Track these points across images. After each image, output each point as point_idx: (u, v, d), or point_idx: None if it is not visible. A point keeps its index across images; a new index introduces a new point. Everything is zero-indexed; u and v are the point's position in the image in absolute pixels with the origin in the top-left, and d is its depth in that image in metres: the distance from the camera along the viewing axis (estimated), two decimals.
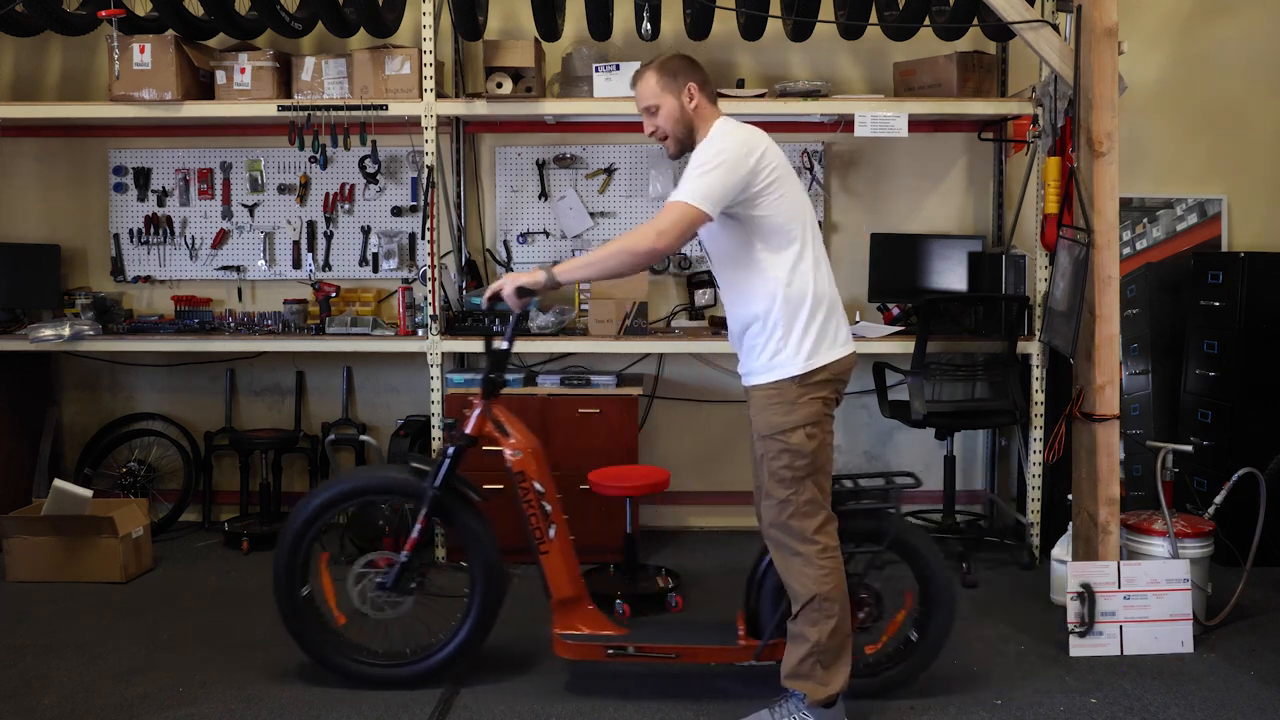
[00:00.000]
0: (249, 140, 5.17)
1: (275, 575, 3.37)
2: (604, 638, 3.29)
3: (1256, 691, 3.38)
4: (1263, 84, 5.09)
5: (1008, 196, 5.10)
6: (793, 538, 2.97)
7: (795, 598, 3.00)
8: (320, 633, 3.40)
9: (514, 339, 3.26)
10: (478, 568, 3.34)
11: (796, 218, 2.97)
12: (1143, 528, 3.95)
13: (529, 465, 3.27)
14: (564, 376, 4.75)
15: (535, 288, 3.01)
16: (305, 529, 3.37)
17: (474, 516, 3.34)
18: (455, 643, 3.37)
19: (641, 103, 3.05)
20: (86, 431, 5.28)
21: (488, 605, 3.35)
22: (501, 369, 3.29)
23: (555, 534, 3.27)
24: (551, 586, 3.29)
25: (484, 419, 3.30)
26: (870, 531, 3.21)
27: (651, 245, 2.86)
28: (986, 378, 4.50)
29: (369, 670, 3.40)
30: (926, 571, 3.26)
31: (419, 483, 3.30)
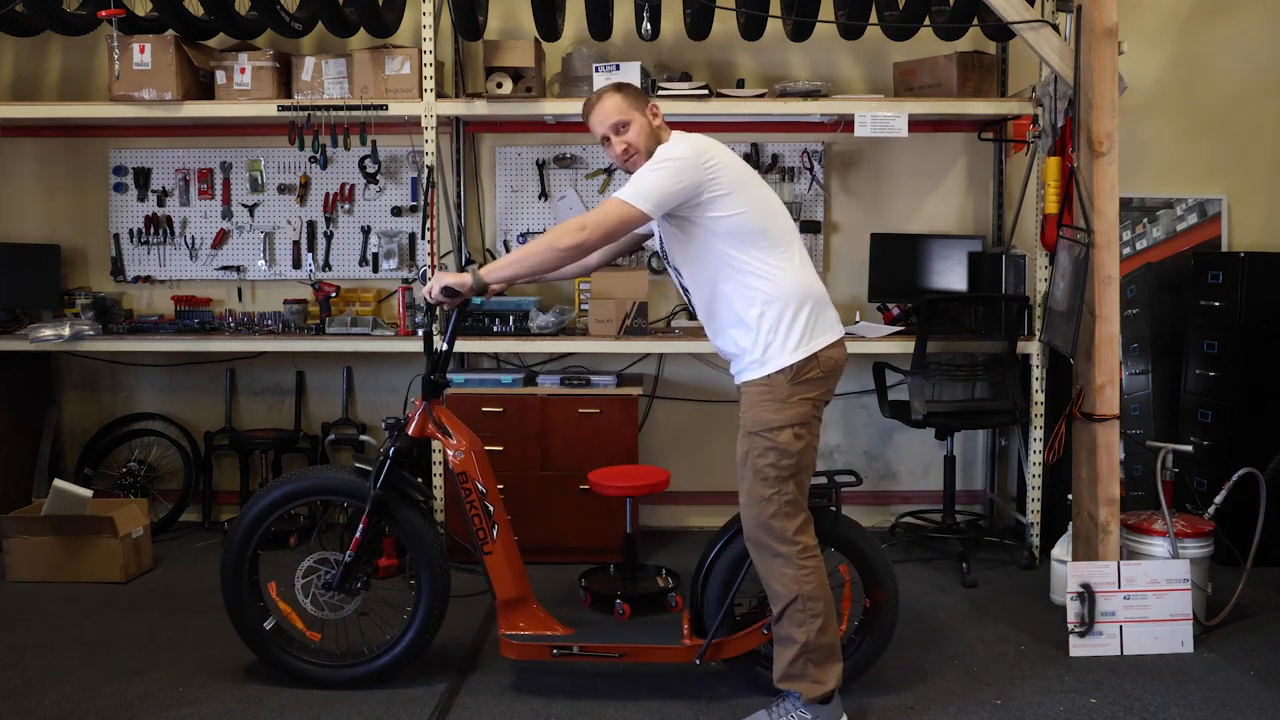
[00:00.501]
0: (249, 140, 5.18)
1: (223, 578, 3.40)
2: (548, 638, 3.30)
3: (1256, 691, 3.38)
4: (1263, 84, 5.09)
5: (1008, 196, 5.10)
6: (774, 538, 2.98)
7: (776, 599, 3.00)
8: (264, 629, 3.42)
9: (454, 340, 3.27)
10: (423, 567, 3.35)
11: (768, 217, 2.99)
12: (1143, 528, 3.95)
13: (470, 466, 3.28)
14: (564, 376, 4.75)
15: (461, 289, 3.03)
16: (252, 531, 3.39)
17: (418, 516, 3.35)
18: (402, 645, 3.38)
19: (609, 120, 3.06)
20: (86, 431, 5.29)
21: (434, 604, 3.35)
22: (442, 370, 3.31)
23: (498, 534, 3.28)
24: (495, 587, 3.30)
25: (425, 420, 3.32)
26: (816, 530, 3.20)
27: (576, 239, 2.89)
28: (986, 378, 4.50)
29: (313, 670, 3.40)
30: (869, 568, 3.27)
31: (361, 483, 3.32)
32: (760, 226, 2.96)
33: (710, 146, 2.98)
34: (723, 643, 3.24)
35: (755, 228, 2.96)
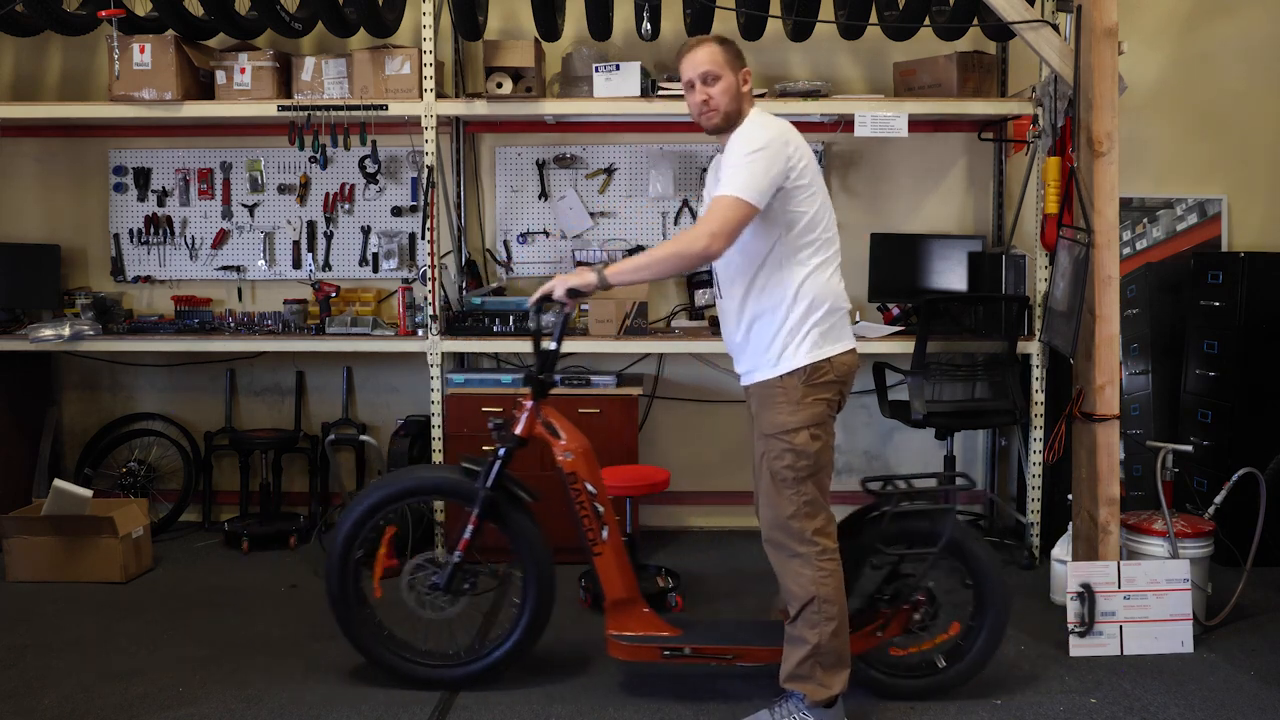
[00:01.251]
0: (249, 140, 5.17)
1: (328, 577, 3.35)
2: (659, 639, 3.26)
3: (1256, 691, 3.38)
4: (1263, 84, 5.09)
5: (1008, 196, 5.10)
6: (792, 539, 2.97)
7: (793, 599, 2.99)
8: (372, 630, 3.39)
9: (563, 339, 3.23)
10: (530, 568, 3.32)
11: (822, 218, 2.98)
12: (1143, 528, 3.94)
13: (580, 466, 3.24)
14: (564, 376, 4.75)
15: (586, 289, 2.98)
16: (357, 530, 3.35)
17: (525, 517, 3.33)
18: (509, 643, 3.36)
19: (698, 69, 2.97)
20: (86, 431, 5.28)
21: (541, 605, 3.34)
22: (551, 369, 3.26)
23: (608, 535, 3.24)
24: (605, 588, 3.26)
25: (534, 420, 3.27)
26: (924, 533, 3.21)
27: (706, 247, 2.82)
28: (986, 378, 4.50)
29: (418, 670, 3.38)
30: (980, 574, 3.26)
31: (470, 483, 3.28)
32: (817, 225, 2.96)
33: (794, 135, 2.95)
34: None
35: (812, 225, 2.94)
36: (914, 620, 3.25)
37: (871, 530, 3.19)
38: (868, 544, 3.19)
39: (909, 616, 3.24)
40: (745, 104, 3.02)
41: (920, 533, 3.20)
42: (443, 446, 4.63)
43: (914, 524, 3.20)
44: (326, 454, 5.17)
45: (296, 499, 5.23)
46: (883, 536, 3.18)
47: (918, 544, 3.20)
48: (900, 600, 3.22)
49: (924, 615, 3.25)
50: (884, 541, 3.19)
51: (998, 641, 3.30)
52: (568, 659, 3.56)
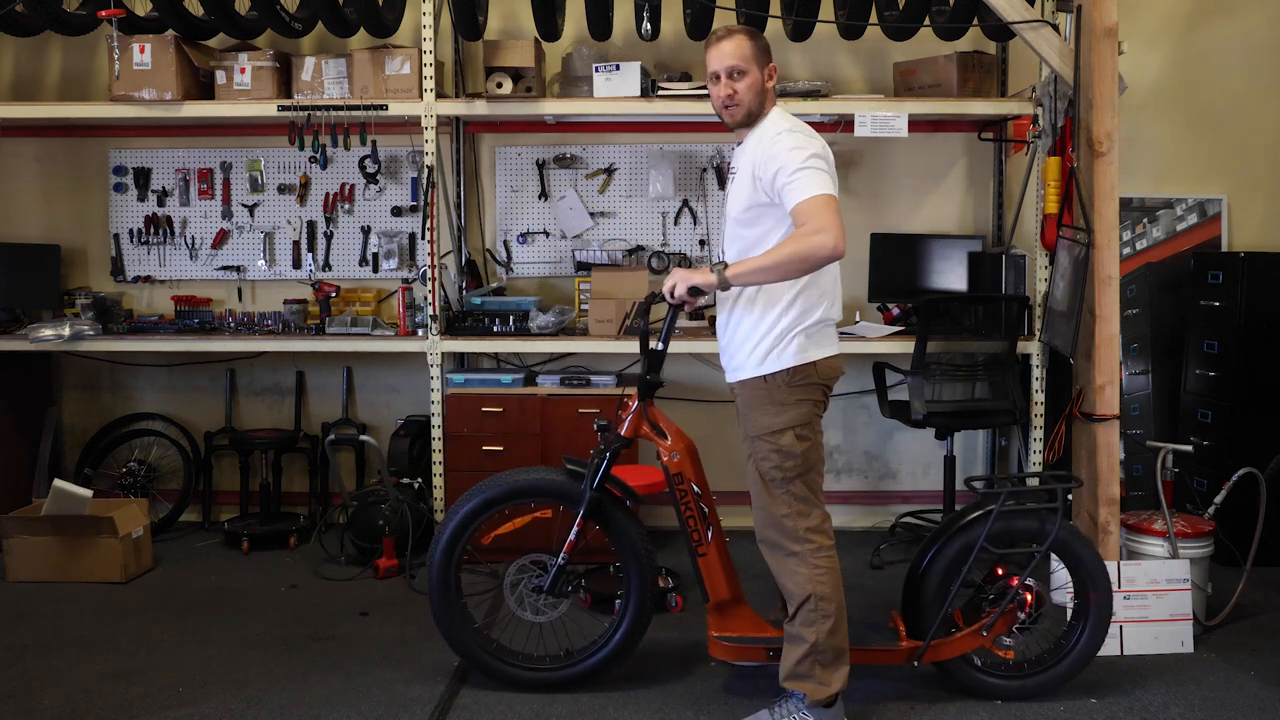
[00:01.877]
0: (249, 140, 5.17)
1: (430, 580, 3.32)
2: (763, 640, 3.23)
3: (1256, 691, 3.38)
4: (1263, 84, 5.09)
5: (1008, 196, 5.10)
6: (786, 537, 2.97)
7: (790, 598, 3.00)
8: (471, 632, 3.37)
9: (669, 338, 3.18)
10: (632, 570, 3.31)
11: None
12: (1143, 528, 3.94)
13: (686, 467, 3.22)
14: (564, 376, 4.75)
15: (708, 289, 2.91)
16: (461, 530, 3.32)
17: (627, 518, 3.31)
18: (611, 645, 3.35)
19: (724, 62, 2.94)
20: (86, 431, 5.28)
21: (643, 607, 3.32)
22: (658, 370, 3.22)
23: (713, 536, 3.22)
24: (709, 589, 3.23)
25: (640, 420, 3.25)
26: (1030, 532, 3.21)
27: (834, 247, 2.73)
28: (986, 378, 4.50)
29: (520, 673, 3.37)
30: (1085, 577, 3.27)
31: (575, 485, 3.27)
32: None
33: (820, 140, 2.96)
34: (942, 644, 3.22)
35: None
36: (1019, 619, 3.24)
37: (977, 528, 3.20)
38: (973, 542, 3.20)
39: (1014, 615, 3.24)
40: (769, 100, 3.02)
41: (1027, 532, 3.21)
42: (443, 447, 4.63)
43: (1020, 522, 3.20)
44: (326, 454, 5.16)
45: (296, 499, 5.23)
46: (989, 535, 3.18)
47: (1023, 543, 3.21)
48: (1005, 599, 3.22)
49: (1030, 614, 3.25)
50: (990, 540, 3.19)
51: (1100, 640, 3.31)
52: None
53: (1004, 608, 3.21)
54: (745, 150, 3.01)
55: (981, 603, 3.26)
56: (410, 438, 4.79)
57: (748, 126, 3.00)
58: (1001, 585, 3.25)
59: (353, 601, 4.14)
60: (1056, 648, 3.34)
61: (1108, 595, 3.29)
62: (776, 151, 2.87)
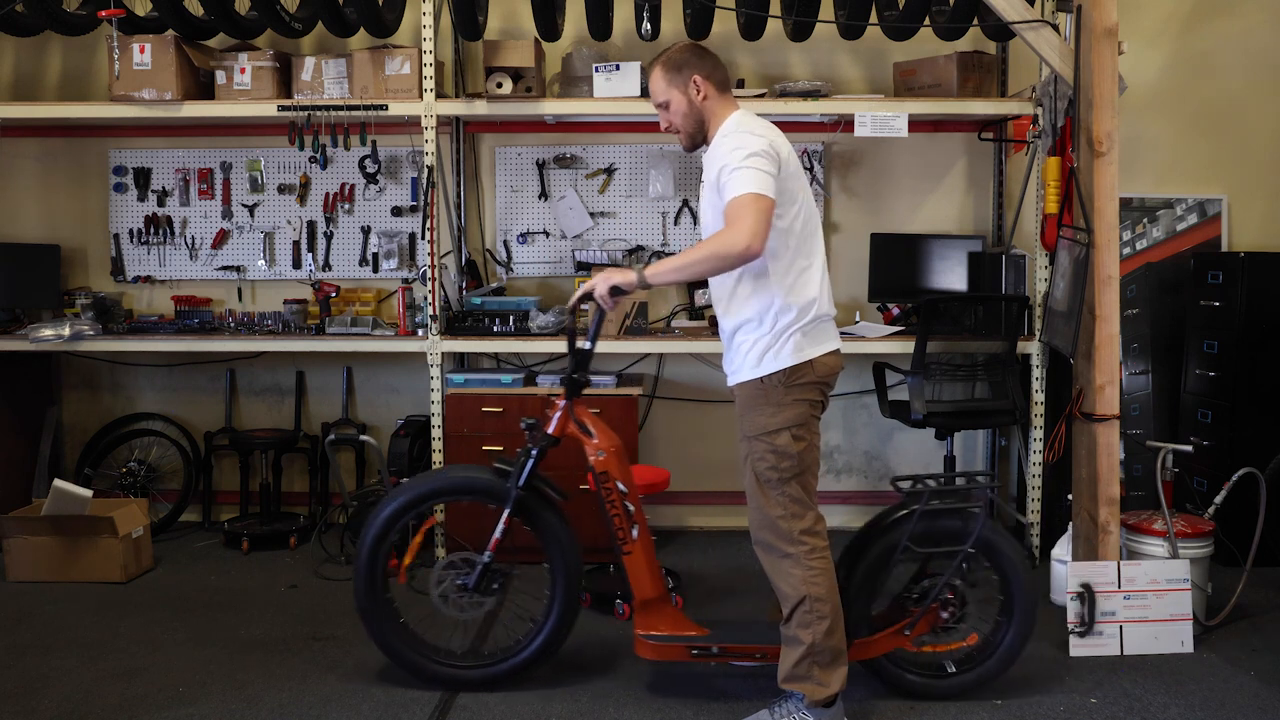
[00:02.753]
0: (249, 140, 5.17)
1: (356, 581, 3.34)
2: (687, 638, 3.25)
3: (1256, 691, 3.38)
4: (1263, 84, 5.09)
5: (1008, 196, 5.10)
6: (780, 539, 2.97)
7: (785, 600, 3.00)
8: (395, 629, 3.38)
9: (597, 338, 3.22)
10: (559, 568, 3.32)
11: (807, 221, 2.97)
12: (1143, 528, 3.95)
13: (612, 465, 3.24)
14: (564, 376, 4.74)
15: (628, 288, 2.96)
16: (386, 530, 3.33)
17: (555, 516, 3.33)
18: (536, 643, 3.36)
19: (653, 100, 3.05)
20: (86, 431, 5.28)
21: (568, 606, 3.34)
22: (585, 369, 3.26)
23: (638, 534, 3.24)
24: (634, 587, 3.25)
25: (567, 419, 3.28)
26: (955, 532, 3.21)
27: (747, 246, 2.76)
28: (986, 378, 4.50)
29: (442, 670, 3.37)
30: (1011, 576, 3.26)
31: (501, 483, 3.29)
32: (799, 230, 2.94)
33: (780, 139, 2.94)
34: (866, 642, 3.22)
35: (793, 228, 2.93)
36: (942, 619, 3.25)
37: (900, 528, 3.20)
38: (896, 542, 3.20)
39: (937, 615, 3.25)
40: (711, 111, 3.01)
41: (950, 531, 3.21)
42: (443, 446, 4.63)
43: (944, 523, 3.20)
44: (326, 454, 5.16)
45: (296, 499, 5.23)
46: (912, 535, 3.19)
47: (947, 542, 3.21)
48: (928, 599, 3.23)
49: (952, 614, 3.25)
50: (913, 540, 3.19)
51: (1025, 639, 3.30)
52: (566, 659, 3.55)
53: (926, 608, 3.22)
54: (706, 160, 3.04)
55: (905, 602, 3.26)
56: (410, 438, 4.78)
57: (706, 144, 3.03)
58: (924, 585, 3.25)
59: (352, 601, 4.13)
60: (984, 646, 3.33)
61: (1033, 594, 3.28)
62: (719, 154, 2.92)
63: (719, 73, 3.02)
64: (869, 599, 3.22)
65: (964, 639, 3.30)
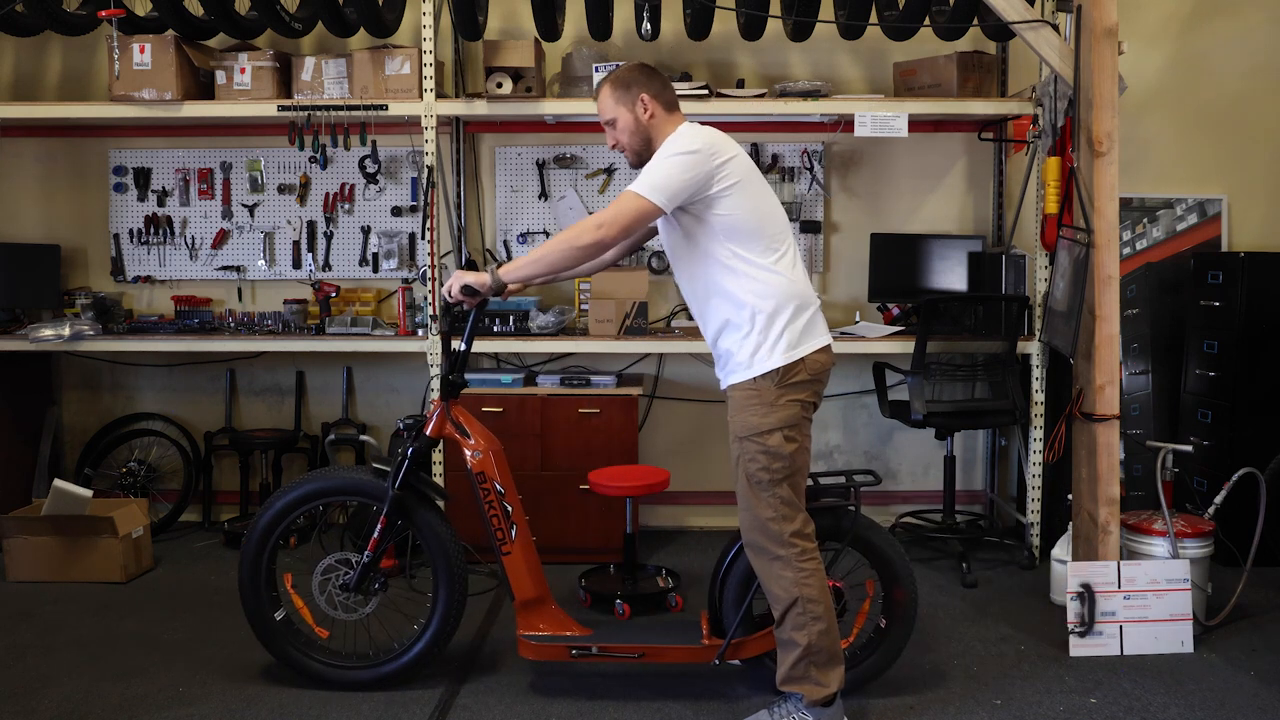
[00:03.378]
0: (249, 140, 5.18)
1: (240, 579, 3.37)
2: (567, 638, 3.29)
3: (1256, 691, 3.38)
4: (1263, 84, 5.09)
5: (1008, 196, 5.10)
6: (771, 541, 2.96)
7: (777, 602, 2.99)
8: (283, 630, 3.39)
9: (472, 340, 3.29)
10: (440, 567, 3.34)
11: (769, 219, 2.97)
12: (1143, 528, 3.95)
13: (489, 466, 3.27)
14: (564, 376, 4.75)
15: (480, 288, 3.02)
16: (269, 531, 3.36)
17: (435, 516, 3.35)
18: (420, 645, 3.37)
19: (601, 117, 3.08)
20: (86, 431, 5.29)
21: (451, 605, 3.35)
22: (460, 370, 3.31)
23: (517, 534, 3.27)
24: (514, 588, 3.29)
25: (444, 420, 3.32)
26: (831, 529, 3.21)
27: (595, 237, 2.86)
28: (986, 378, 4.50)
29: (328, 671, 3.39)
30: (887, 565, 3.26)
31: (379, 483, 3.31)
32: (757, 227, 2.94)
33: (719, 140, 2.95)
34: (742, 642, 3.23)
35: (753, 228, 2.94)
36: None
37: None
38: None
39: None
40: (657, 129, 3.03)
41: (826, 529, 3.19)
42: (442, 447, 4.63)
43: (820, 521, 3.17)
44: (326, 454, 5.17)
45: None
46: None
47: (825, 540, 3.19)
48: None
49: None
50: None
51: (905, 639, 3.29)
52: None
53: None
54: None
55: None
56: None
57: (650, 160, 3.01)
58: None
59: None
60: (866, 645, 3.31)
61: (911, 589, 3.26)
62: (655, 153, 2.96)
63: (667, 93, 3.06)
64: (743, 598, 3.20)
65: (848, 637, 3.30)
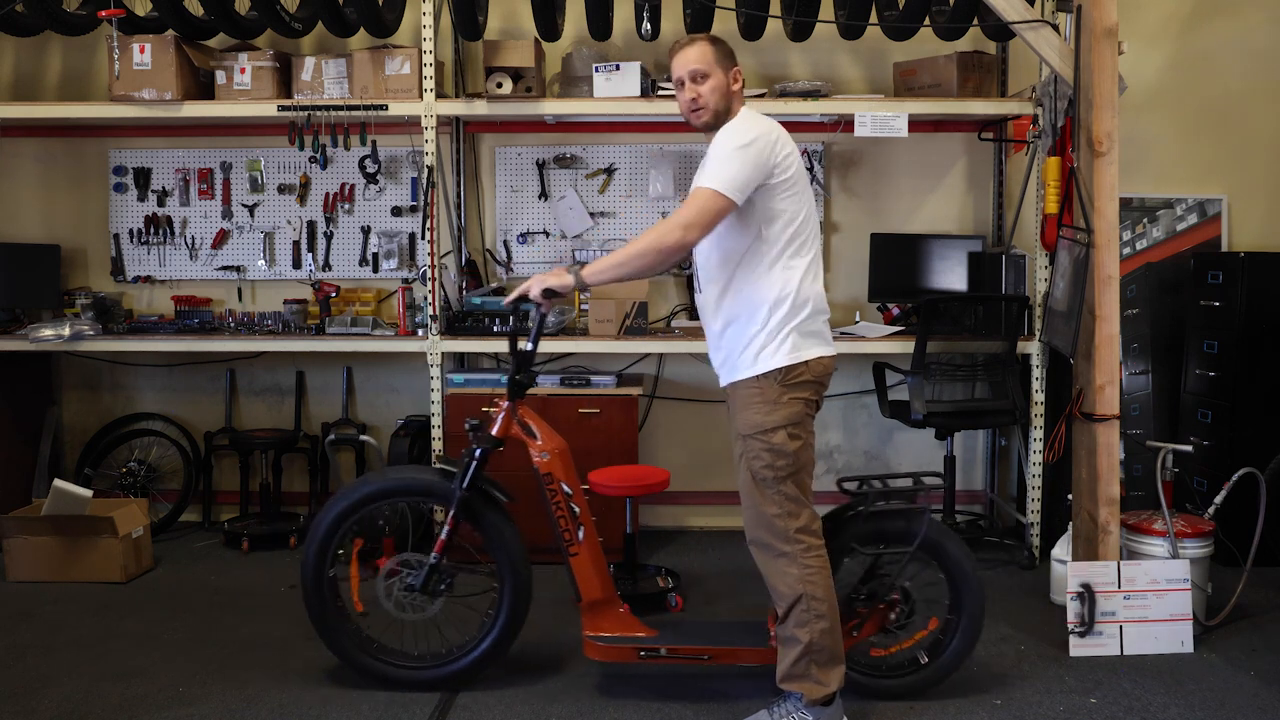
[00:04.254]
0: (249, 140, 5.17)
1: (303, 580, 3.34)
2: (635, 639, 3.26)
3: (1256, 691, 3.38)
4: (1263, 84, 5.09)
5: (1008, 196, 5.10)
6: (776, 538, 2.97)
7: (781, 599, 2.99)
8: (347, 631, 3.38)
9: (539, 339, 3.25)
10: (505, 569, 3.32)
11: (806, 222, 2.98)
12: (1143, 528, 3.95)
13: (556, 467, 3.25)
14: (564, 376, 4.75)
15: (563, 290, 2.99)
16: (333, 531, 3.33)
17: (501, 518, 3.33)
18: (484, 645, 3.35)
19: (688, 66, 2.98)
20: (86, 431, 5.28)
21: (516, 607, 3.33)
22: (527, 370, 3.27)
23: (584, 535, 3.24)
24: (581, 589, 3.26)
25: (510, 420, 3.28)
26: (899, 532, 3.21)
27: (680, 239, 2.84)
28: (986, 378, 4.50)
29: (393, 671, 3.38)
30: (957, 575, 3.26)
31: (446, 484, 3.29)
32: (797, 228, 2.95)
33: (782, 135, 2.94)
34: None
35: (793, 227, 2.94)
36: (890, 619, 3.25)
37: (848, 530, 3.20)
38: (844, 544, 3.20)
39: (885, 616, 3.24)
40: (735, 103, 3.02)
41: (896, 532, 3.20)
42: (443, 447, 4.63)
43: (890, 523, 3.19)
44: (326, 454, 5.17)
45: (296, 499, 5.23)
46: (859, 536, 3.19)
47: (894, 543, 3.20)
48: (876, 600, 3.22)
49: (900, 614, 3.25)
50: (860, 541, 3.19)
51: (975, 638, 3.30)
52: (566, 658, 3.56)
53: (873, 609, 3.22)
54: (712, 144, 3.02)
55: (853, 603, 3.25)
56: (410, 438, 4.78)
57: (715, 129, 3.01)
58: (872, 586, 3.25)
59: None
60: (937, 643, 3.32)
61: (980, 595, 3.26)
62: (719, 138, 2.94)
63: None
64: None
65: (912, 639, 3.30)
